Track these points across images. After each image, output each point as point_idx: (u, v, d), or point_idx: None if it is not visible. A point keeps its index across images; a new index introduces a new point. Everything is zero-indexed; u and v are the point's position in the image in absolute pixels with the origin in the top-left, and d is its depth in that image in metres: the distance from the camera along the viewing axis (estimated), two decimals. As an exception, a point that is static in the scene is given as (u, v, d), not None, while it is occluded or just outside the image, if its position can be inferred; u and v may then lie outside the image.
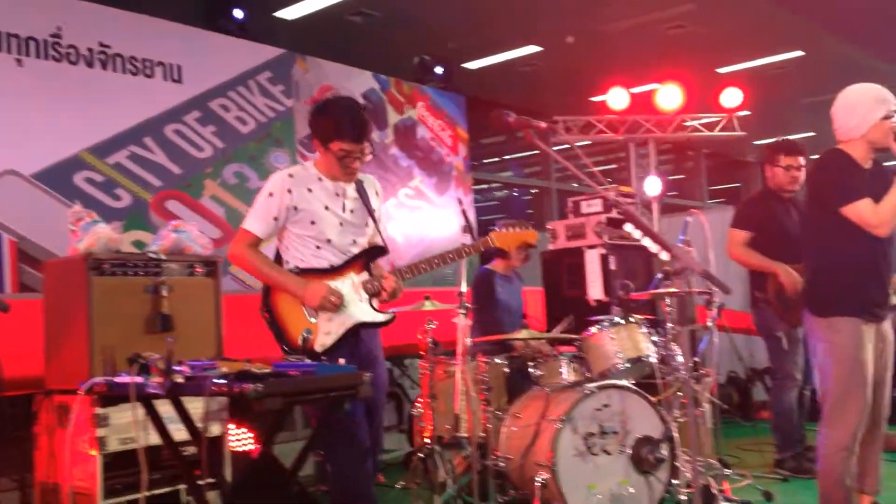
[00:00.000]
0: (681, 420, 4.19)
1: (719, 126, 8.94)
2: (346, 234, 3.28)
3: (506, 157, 12.82)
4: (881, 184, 3.37)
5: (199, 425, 2.97)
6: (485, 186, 11.78)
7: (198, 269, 4.17)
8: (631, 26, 8.73)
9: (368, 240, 3.36)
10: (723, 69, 10.19)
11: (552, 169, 11.56)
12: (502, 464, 4.07)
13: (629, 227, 3.04)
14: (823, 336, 3.47)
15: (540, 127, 2.91)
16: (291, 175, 3.24)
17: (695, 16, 8.54)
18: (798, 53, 9.96)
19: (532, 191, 12.26)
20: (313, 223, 3.22)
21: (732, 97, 8.75)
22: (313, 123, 3.26)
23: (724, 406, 6.23)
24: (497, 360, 4.47)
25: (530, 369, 4.40)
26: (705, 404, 4.53)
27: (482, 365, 4.30)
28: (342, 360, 2.87)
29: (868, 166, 3.48)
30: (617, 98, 8.64)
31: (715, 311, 4.53)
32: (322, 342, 3.16)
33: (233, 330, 4.22)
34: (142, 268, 3.95)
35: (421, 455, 4.47)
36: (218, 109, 6.64)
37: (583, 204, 6.56)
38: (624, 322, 4.19)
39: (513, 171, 12.83)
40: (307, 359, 2.95)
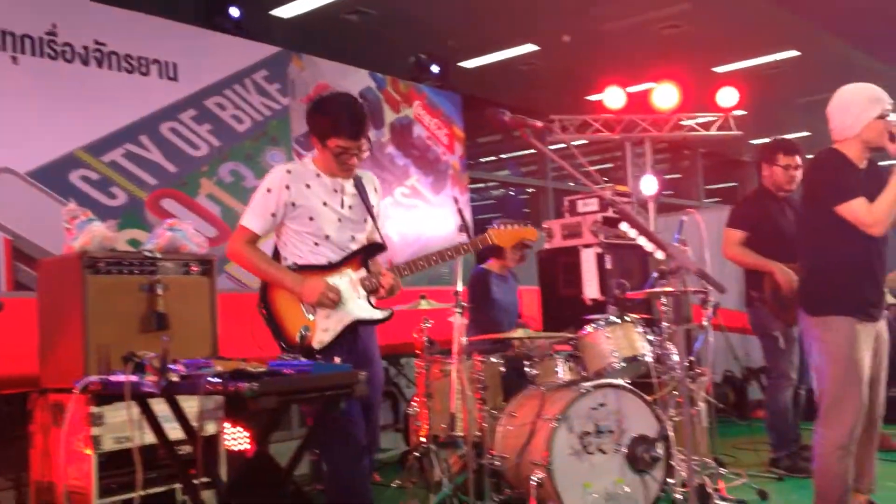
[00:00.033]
0: (676, 419, 4.20)
1: (715, 125, 8.94)
2: (345, 231, 3.26)
3: (502, 156, 12.81)
4: (876, 183, 3.38)
5: (195, 424, 2.96)
6: (481, 185, 11.77)
7: (193, 268, 4.16)
8: (627, 26, 8.74)
9: (367, 236, 3.35)
10: (719, 69, 10.20)
11: (548, 168, 11.55)
12: (498, 463, 4.07)
13: (625, 227, 3.04)
14: (818, 335, 3.48)
15: (536, 126, 2.91)
16: (289, 171, 3.22)
17: (691, 15, 8.55)
18: (794, 53, 9.98)
19: (528, 190, 12.25)
20: (311, 219, 3.20)
21: (728, 97, 8.74)
22: (311, 120, 3.24)
23: (720, 405, 6.22)
24: (493, 359, 4.47)
25: (526, 368, 4.40)
26: (701, 403, 4.54)
27: (478, 364, 4.31)
28: (338, 359, 2.87)
29: (863, 166, 3.49)
30: (613, 97, 8.63)
31: (710, 310, 4.55)
32: (320, 339, 3.15)
33: (228, 329, 4.21)
34: (137, 266, 3.94)
35: (417, 454, 4.47)
36: (214, 108, 6.62)
37: (579, 203, 6.56)
38: (620, 321, 4.19)
39: (509, 170, 12.83)
40: (303, 356, 2.95)
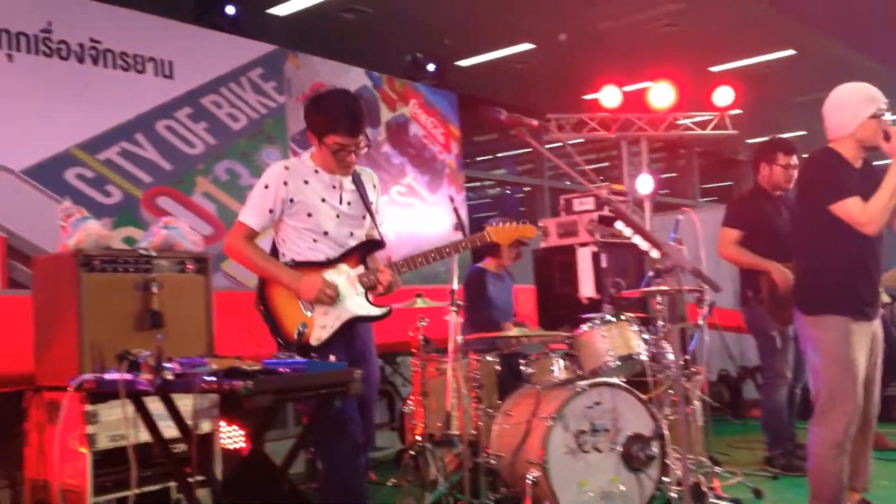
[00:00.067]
0: (671, 418, 4.20)
1: (711, 125, 8.96)
2: (343, 227, 3.26)
3: (499, 155, 12.82)
4: (871, 183, 3.38)
5: (190, 422, 2.96)
6: (477, 184, 11.77)
7: (188, 266, 4.14)
8: (624, 25, 8.74)
9: (366, 233, 3.35)
10: (715, 68, 10.21)
11: (545, 167, 11.55)
12: (493, 461, 4.07)
13: (620, 225, 3.03)
14: (814, 334, 3.48)
15: (531, 124, 2.92)
16: (287, 167, 3.22)
17: (687, 14, 8.56)
18: (790, 52, 9.99)
19: (525, 189, 12.26)
20: (310, 215, 3.20)
21: (724, 96, 8.76)
22: (308, 117, 3.23)
23: (715, 404, 6.24)
24: (488, 358, 4.47)
25: (521, 367, 4.40)
26: (696, 402, 4.54)
27: (473, 362, 4.30)
28: (333, 357, 2.87)
29: (858, 165, 3.49)
30: (609, 96, 8.64)
31: (706, 309, 4.55)
32: (318, 336, 3.14)
33: (223, 327, 4.20)
34: (132, 264, 3.93)
35: (412, 452, 4.47)
36: (210, 106, 6.62)
37: (575, 202, 6.56)
38: (615, 320, 4.19)
39: (506, 169, 12.82)
40: (301, 353, 2.94)
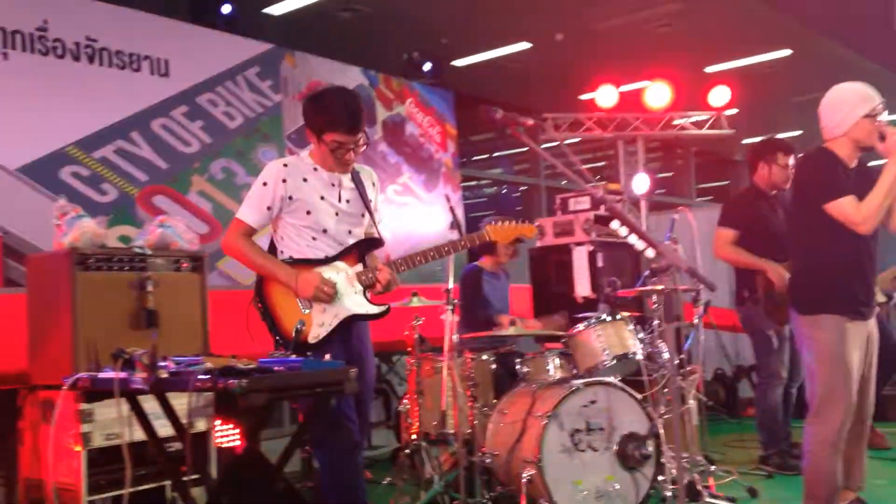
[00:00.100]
0: (667, 416, 4.20)
1: (707, 124, 8.96)
2: (342, 225, 3.26)
3: (495, 154, 12.81)
4: (866, 183, 3.38)
5: (184, 421, 2.96)
6: (474, 183, 11.77)
7: (184, 265, 4.15)
8: (620, 24, 8.74)
9: (365, 231, 3.35)
10: (711, 68, 10.21)
11: (541, 166, 11.56)
12: (489, 460, 4.07)
13: (616, 225, 3.04)
14: (809, 334, 3.49)
15: (527, 123, 2.91)
16: (286, 165, 3.22)
17: (684, 14, 8.56)
18: (786, 52, 10.00)
19: (521, 188, 12.26)
20: (309, 213, 3.19)
21: (720, 95, 8.77)
22: (307, 114, 3.22)
23: (710, 403, 6.26)
24: (484, 357, 4.47)
25: (517, 366, 4.40)
26: (691, 401, 4.55)
27: (469, 361, 4.30)
28: (328, 356, 2.86)
29: (854, 165, 3.50)
30: (606, 96, 8.63)
31: (701, 308, 4.55)
32: (316, 333, 3.14)
33: (219, 325, 4.20)
34: (127, 263, 3.93)
35: (408, 451, 4.47)
36: (205, 104, 6.61)
37: (571, 201, 6.57)
38: (611, 319, 4.20)
39: (502, 168, 12.82)
40: (299, 351, 2.94)
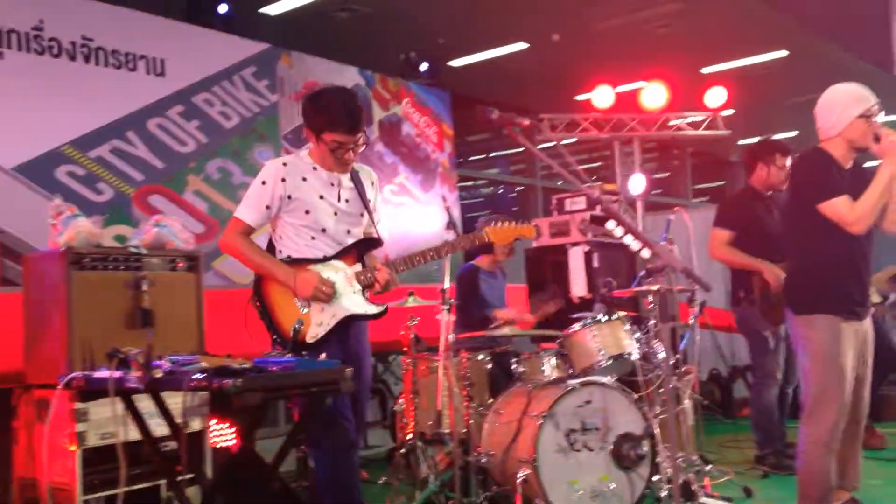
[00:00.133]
0: (662, 417, 4.21)
1: (704, 125, 8.97)
2: (341, 224, 3.26)
3: (492, 155, 12.82)
4: (861, 184, 3.39)
5: (179, 420, 2.96)
6: (470, 183, 11.77)
7: (179, 264, 4.14)
8: (617, 25, 8.76)
9: (364, 231, 3.35)
10: (708, 69, 10.23)
11: (538, 166, 11.56)
12: (484, 460, 4.07)
13: (611, 225, 3.04)
14: (803, 334, 3.50)
15: (523, 124, 2.91)
16: (285, 164, 3.22)
17: (683, 14, 8.57)
18: (783, 53, 10.01)
19: (517, 188, 12.26)
20: (308, 212, 3.19)
21: (717, 96, 8.77)
22: (306, 114, 3.22)
23: (706, 403, 6.26)
24: (480, 357, 4.47)
25: (513, 366, 4.40)
26: (686, 401, 4.55)
27: (465, 361, 4.31)
28: (323, 356, 2.86)
29: (849, 166, 3.50)
30: (602, 96, 8.63)
31: (697, 309, 4.56)
32: (314, 333, 3.14)
33: (214, 325, 4.19)
34: (122, 262, 3.92)
35: (403, 451, 4.47)
36: (201, 104, 6.60)
37: (567, 201, 6.57)
38: (606, 319, 4.21)
39: (499, 168, 12.83)
40: (296, 350, 2.94)
